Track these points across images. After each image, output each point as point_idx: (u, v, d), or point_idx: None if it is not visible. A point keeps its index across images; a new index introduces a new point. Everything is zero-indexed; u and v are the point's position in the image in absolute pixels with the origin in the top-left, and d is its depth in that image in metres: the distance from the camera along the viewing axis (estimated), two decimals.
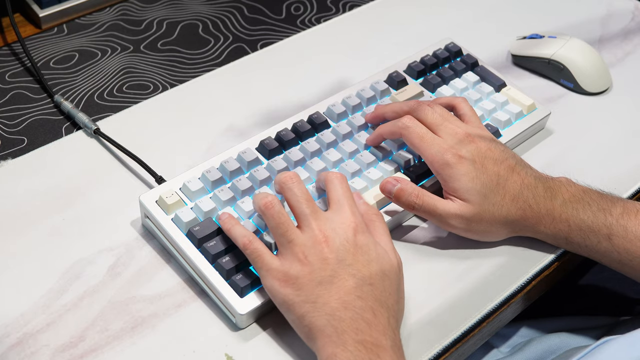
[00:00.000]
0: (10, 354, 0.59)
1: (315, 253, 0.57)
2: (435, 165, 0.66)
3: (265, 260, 0.59)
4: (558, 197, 0.66)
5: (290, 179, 0.61)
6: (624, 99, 0.86)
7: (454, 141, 0.67)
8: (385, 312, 0.57)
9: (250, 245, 0.59)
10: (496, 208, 0.66)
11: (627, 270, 0.67)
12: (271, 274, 0.58)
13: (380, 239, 0.61)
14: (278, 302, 0.59)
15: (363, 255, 0.58)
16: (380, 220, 0.63)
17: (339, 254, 0.58)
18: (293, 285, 0.57)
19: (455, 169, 0.65)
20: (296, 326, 0.58)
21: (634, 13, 0.98)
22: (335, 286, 0.56)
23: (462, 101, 0.73)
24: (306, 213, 0.59)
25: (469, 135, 0.67)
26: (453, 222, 0.66)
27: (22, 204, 0.69)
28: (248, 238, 0.60)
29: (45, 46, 0.87)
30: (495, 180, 0.66)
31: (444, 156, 0.66)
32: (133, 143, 0.74)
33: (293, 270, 0.57)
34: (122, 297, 0.63)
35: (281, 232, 0.59)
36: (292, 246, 0.58)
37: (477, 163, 0.66)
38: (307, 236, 0.58)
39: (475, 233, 0.67)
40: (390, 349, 0.55)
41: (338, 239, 0.58)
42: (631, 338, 0.58)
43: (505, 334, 0.79)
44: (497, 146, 0.68)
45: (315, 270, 0.57)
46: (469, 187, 0.65)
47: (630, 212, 0.66)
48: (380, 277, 0.58)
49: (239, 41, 0.90)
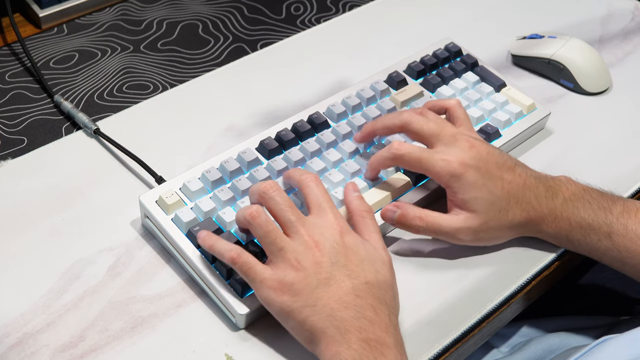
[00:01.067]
0: (10, 354, 0.59)
1: (308, 258, 0.57)
2: (443, 180, 0.65)
3: (258, 271, 0.58)
4: (559, 196, 0.66)
5: (271, 188, 0.60)
6: (624, 99, 0.86)
7: (453, 148, 0.65)
8: (385, 309, 0.57)
9: (239, 259, 0.58)
10: (502, 214, 0.65)
11: (628, 269, 0.67)
12: (265, 284, 0.57)
13: (370, 236, 0.61)
14: (275, 311, 0.58)
15: (354, 255, 0.58)
16: (371, 217, 0.62)
17: (331, 257, 0.57)
18: (289, 292, 0.57)
19: (464, 180, 0.64)
20: (297, 332, 0.58)
21: (634, 13, 0.98)
22: (333, 288, 0.56)
23: (455, 104, 0.71)
24: (292, 220, 0.59)
25: (467, 139, 0.66)
26: (461, 236, 0.66)
27: (22, 204, 0.69)
28: (235, 252, 0.58)
29: (45, 46, 0.87)
30: (499, 184, 0.65)
31: (449, 169, 0.64)
32: (133, 143, 0.74)
33: (288, 277, 0.57)
34: (122, 297, 0.63)
35: (270, 241, 0.58)
36: (284, 253, 0.57)
37: (481, 169, 0.65)
38: (297, 242, 0.58)
39: (483, 241, 0.67)
40: (394, 346, 0.55)
41: (328, 242, 0.58)
42: (630, 336, 0.58)
43: (505, 334, 0.79)
44: (494, 148, 0.67)
45: (310, 275, 0.57)
46: (477, 196, 0.64)
47: (631, 210, 0.66)
48: (374, 275, 0.58)
49: (239, 41, 0.90)
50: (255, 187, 0.61)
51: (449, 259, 0.68)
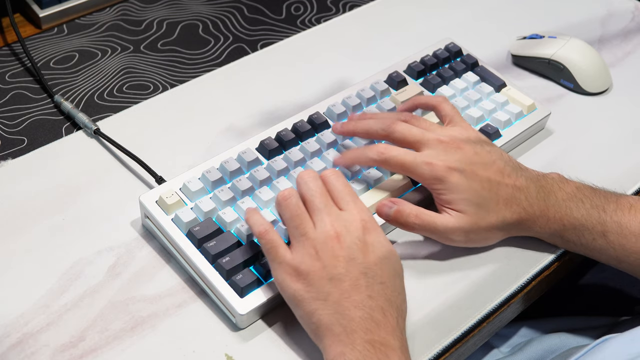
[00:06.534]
0: (10, 354, 0.59)
1: (326, 249, 0.57)
2: (427, 183, 0.65)
3: (280, 253, 0.58)
4: (551, 196, 0.66)
5: (307, 174, 0.61)
6: (624, 99, 0.86)
7: (439, 153, 0.65)
8: (395, 312, 0.57)
9: (266, 235, 0.59)
10: (491, 215, 0.65)
11: (625, 267, 0.66)
12: (282, 268, 0.58)
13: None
14: (287, 297, 0.58)
15: (374, 253, 0.58)
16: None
17: (350, 252, 0.57)
18: (304, 280, 0.57)
19: (447, 183, 0.64)
20: (304, 322, 0.58)
21: (634, 13, 0.98)
22: (346, 284, 0.56)
23: (442, 101, 0.70)
24: (320, 208, 0.59)
25: (454, 141, 0.65)
26: (453, 237, 0.65)
27: (22, 204, 0.69)
28: (265, 227, 0.59)
29: (45, 46, 0.87)
30: (487, 186, 0.65)
31: (432, 173, 0.64)
32: (133, 143, 0.74)
33: (304, 265, 0.57)
34: (122, 297, 0.63)
35: (295, 225, 0.59)
36: (305, 240, 0.58)
37: (467, 171, 0.64)
38: (320, 231, 0.58)
39: (474, 242, 0.67)
40: (399, 349, 0.55)
41: (349, 236, 0.58)
42: (630, 335, 0.58)
43: (505, 334, 0.79)
44: (484, 147, 0.66)
45: (326, 267, 0.57)
46: (463, 197, 0.64)
47: (624, 207, 0.65)
48: (392, 276, 0.58)
49: (239, 41, 0.90)
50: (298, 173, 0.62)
51: (449, 259, 0.68)
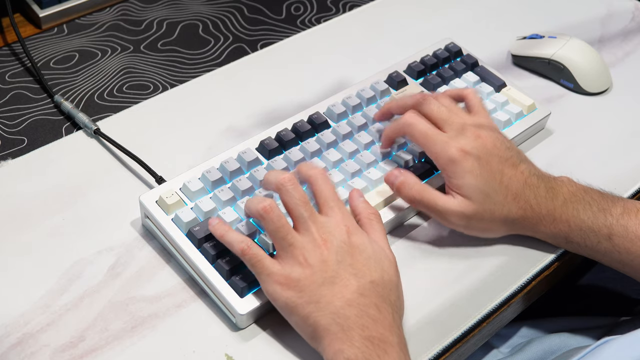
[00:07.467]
0: (10, 354, 0.59)
1: (315, 256, 0.58)
2: (440, 161, 0.66)
3: (266, 265, 0.58)
4: (559, 197, 0.66)
5: (289, 181, 0.60)
6: (624, 99, 0.86)
7: (459, 136, 0.66)
8: (389, 308, 0.57)
9: (248, 250, 0.59)
10: (497, 207, 0.65)
11: (628, 270, 0.67)
12: (272, 278, 0.58)
13: (377, 237, 0.61)
14: (280, 306, 0.58)
15: (361, 254, 0.59)
16: (378, 220, 0.63)
17: (338, 256, 0.58)
18: (295, 287, 0.57)
19: (460, 166, 0.65)
20: (300, 328, 0.58)
21: (634, 13, 0.98)
22: (338, 286, 0.57)
23: (472, 92, 0.72)
24: (305, 217, 0.59)
25: (476, 129, 0.67)
26: (452, 219, 0.66)
27: (22, 203, 0.69)
28: (246, 243, 0.59)
29: (45, 46, 0.87)
30: (499, 178, 0.65)
31: (448, 152, 0.65)
32: (133, 143, 0.74)
33: (294, 273, 0.58)
34: (122, 297, 0.63)
35: (281, 236, 0.59)
36: (293, 249, 0.58)
37: (482, 160, 0.65)
38: (307, 239, 0.59)
39: (474, 230, 0.67)
40: (397, 345, 0.55)
41: (335, 241, 0.59)
42: (631, 338, 0.58)
43: (505, 334, 0.79)
44: (503, 142, 0.67)
45: (316, 272, 0.57)
46: (473, 184, 0.65)
47: (631, 211, 0.66)
48: (380, 274, 0.58)
49: (239, 41, 0.90)
50: (273, 176, 0.61)
51: (449, 259, 0.68)
